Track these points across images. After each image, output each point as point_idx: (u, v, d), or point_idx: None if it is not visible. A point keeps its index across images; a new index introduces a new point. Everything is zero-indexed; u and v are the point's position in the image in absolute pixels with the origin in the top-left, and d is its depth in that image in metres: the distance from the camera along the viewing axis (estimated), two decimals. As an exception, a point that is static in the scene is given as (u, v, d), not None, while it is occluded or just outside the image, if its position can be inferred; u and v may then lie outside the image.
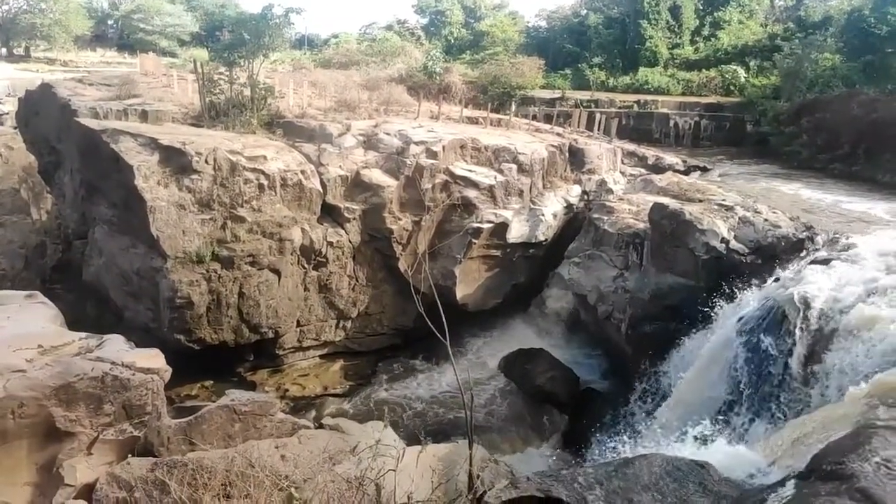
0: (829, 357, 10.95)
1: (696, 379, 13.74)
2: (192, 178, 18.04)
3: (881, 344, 10.32)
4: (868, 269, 12.76)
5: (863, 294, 11.70)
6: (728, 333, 13.58)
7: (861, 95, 29.62)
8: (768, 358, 11.83)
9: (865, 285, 11.96)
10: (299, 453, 9.06)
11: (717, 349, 13.65)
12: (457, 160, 21.87)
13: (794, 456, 8.05)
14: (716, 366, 13.29)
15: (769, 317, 12.26)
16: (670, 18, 43.95)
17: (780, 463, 8.17)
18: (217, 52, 24.85)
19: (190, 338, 18.16)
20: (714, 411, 12.48)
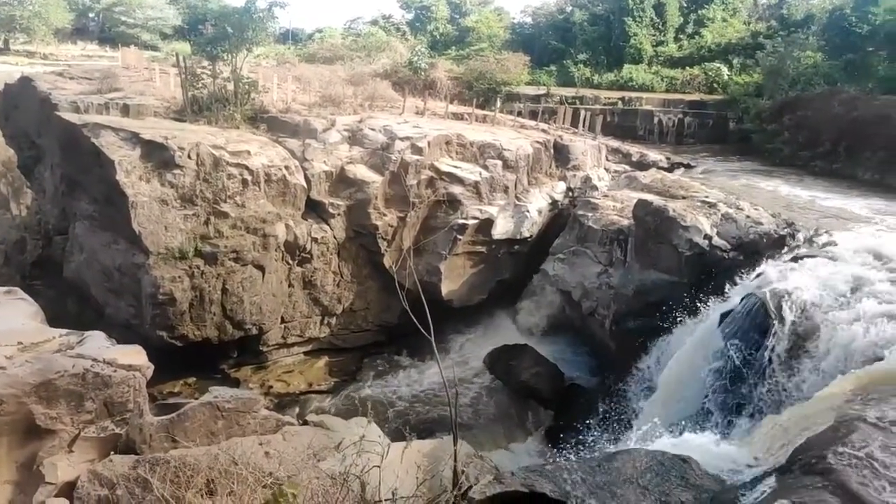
0: (810, 352, 11.09)
1: (679, 374, 13.85)
2: (175, 174, 17.88)
3: (860, 340, 10.45)
4: (848, 265, 12.92)
5: (842, 290, 11.85)
6: (710, 329, 13.70)
7: (842, 94, 29.93)
8: (749, 353, 11.95)
9: (845, 281, 12.11)
10: (283, 450, 9.02)
11: (700, 345, 13.76)
12: (442, 156, 21.86)
13: (775, 450, 8.15)
14: (698, 361, 13.40)
15: (750, 313, 12.38)
16: (654, 16, 44.16)
17: (762, 457, 8.26)
18: (200, 46, 24.64)
19: (172, 334, 18.03)
20: (697, 406, 12.60)
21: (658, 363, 15.68)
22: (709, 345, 13.48)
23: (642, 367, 16.32)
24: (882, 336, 10.28)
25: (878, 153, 25.49)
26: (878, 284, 11.80)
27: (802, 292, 12.13)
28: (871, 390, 8.31)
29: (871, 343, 10.31)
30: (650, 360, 16.15)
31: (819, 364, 10.74)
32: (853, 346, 10.48)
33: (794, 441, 7.62)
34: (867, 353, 10.13)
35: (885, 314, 10.74)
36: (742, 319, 12.60)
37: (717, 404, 12.18)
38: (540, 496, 7.37)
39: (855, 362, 9.91)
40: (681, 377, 13.73)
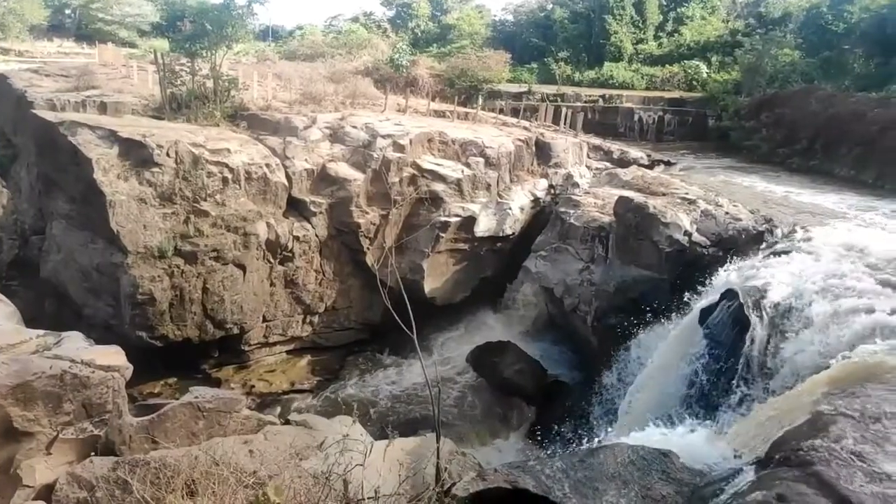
0: (787, 347, 11.22)
1: (660, 369, 13.97)
2: (153, 172, 17.68)
3: (837, 334, 10.61)
4: (824, 260, 13.10)
5: (819, 285, 12.01)
6: (691, 324, 13.83)
7: (819, 91, 30.38)
8: (729, 348, 12.09)
9: (821, 276, 12.28)
10: (265, 450, 8.96)
11: (680, 340, 13.90)
12: (424, 154, 21.84)
13: (754, 443, 8.25)
14: (678, 356, 13.53)
15: (729, 308, 12.51)
16: (634, 14, 44.51)
17: (741, 450, 8.35)
18: (178, 43, 24.36)
19: (152, 334, 17.85)
20: (677, 400, 12.72)
21: (639, 358, 15.80)
22: (689, 340, 13.62)
23: (623, 363, 16.43)
24: (858, 330, 10.44)
25: (854, 150, 25.90)
26: (854, 279, 11.98)
27: (780, 287, 12.29)
28: (847, 384, 8.43)
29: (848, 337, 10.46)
30: (631, 355, 16.27)
31: (796, 358, 10.88)
32: (830, 341, 10.63)
33: (772, 434, 7.72)
34: (843, 347, 10.27)
35: (860, 308, 10.91)
36: (721, 315, 12.74)
37: (698, 398, 12.30)
38: (523, 492, 7.41)
39: (831, 356, 10.05)
40: (661, 372, 13.85)
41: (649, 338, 15.86)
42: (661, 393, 13.27)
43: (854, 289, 11.65)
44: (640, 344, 16.15)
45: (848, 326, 10.63)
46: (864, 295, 11.35)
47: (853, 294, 11.47)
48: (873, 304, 10.92)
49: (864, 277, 11.99)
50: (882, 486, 6.14)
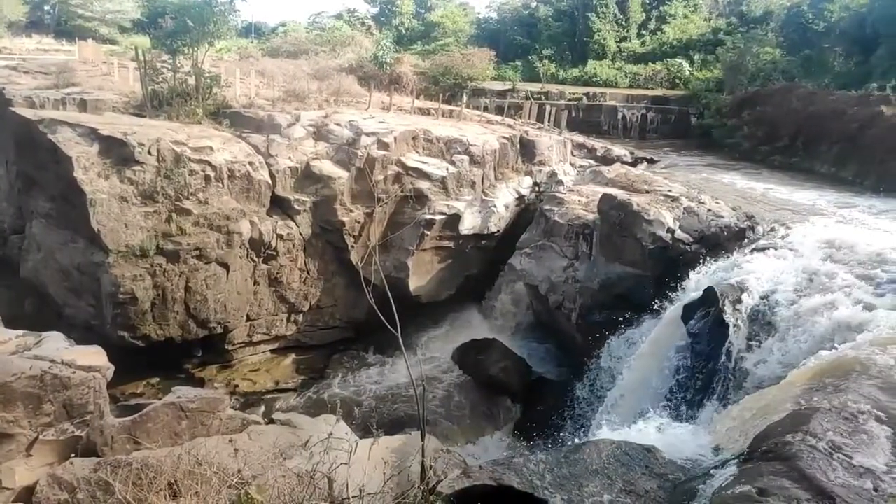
0: (768, 342, 11.35)
1: (643, 365, 14.07)
2: (135, 170, 17.53)
3: (817, 329, 10.74)
4: (805, 256, 13.24)
5: (800, 280, 12.15)
6: (674, 320, 13.93)
7: (800, 89, 30.66)
8: (711, 343, 12.20)
9: (803, 272, 12.42)
10: (249, 449, 8.91)
11: (664, 336, 13.99)
12: (409, 151, 21.80)
13: (736, 437, 8.32)
14: (662, 352, 13.63)
15: (711, 304, 12.62)
16: (618, 12, 44.67)
17: (724, 445, 8.43)
18: (159, 40, 24.12)
19: (134, 334, 17.70)
20: (660, 396, 12.81)
21: (623, 355, 15.89)
22: (672, 336, 13.72)
23: (608, 359, 16.52)
24: (838, 325, 10.57)
25: (834, 147, 26.19)
26: (834, 275, 12.13)
27: (761, 283, 12.41)
28: (828, 378, 8.53)
29: (828, 332, 10.59)
30: (616, 351, 16.35)
31: (778, 353, 11.00)
32: (810, 336, 10.76)
33: (754, 429, 7.79)
34: (824, 342, 10.39)
35: (840, 303, 11.04)
36: (704, 311, 12.84)
37: (681, 394, 12.39)
38: (508, 489, 7.43)
39: (812, 351, 10.16)
40: (645, 368, 13.95)
41: (633, 334, 15.96)
42: (645, 389, 13.36)
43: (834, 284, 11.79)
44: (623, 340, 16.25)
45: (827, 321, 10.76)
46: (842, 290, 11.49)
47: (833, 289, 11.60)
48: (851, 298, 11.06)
49: (845, 273, 12.14)
50: (859, 479, 6.23)
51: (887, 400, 7.53)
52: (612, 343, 16.46)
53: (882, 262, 12.61)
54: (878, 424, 7.04)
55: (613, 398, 14.47)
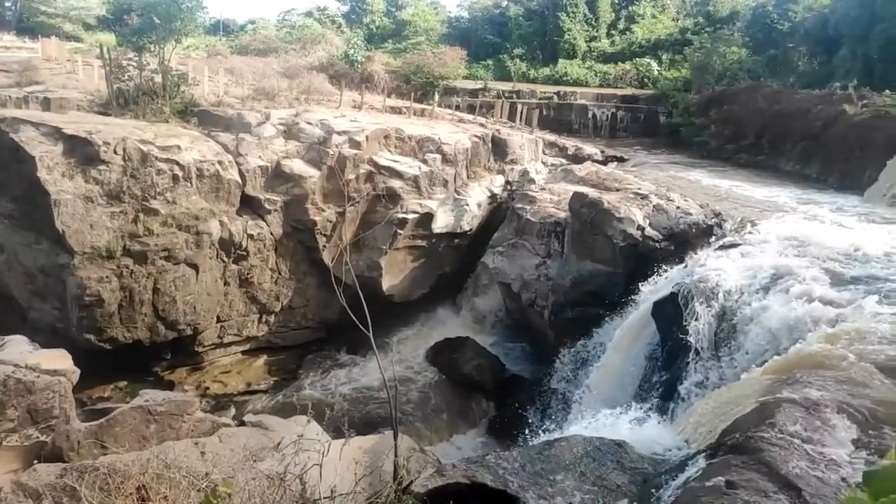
0: (736, 337, 11.54)
1: (614, 361, 14.21)
2: (100, 169, 17.18)
3: (783, 324, 10.94)
4: (770, 252, 13.49)
5: (766, 276, 12.37)
6: (644, 317, 14.10)
7: (765, 88, 31.25)
8: (679, 339, 12.36)
9: (768, 268, 12.64)
10: (219, 452, 8.80)
11: (634, 332, 14.15)
12: (380, 150, 21.72)
13: (705, 431, 8.45)
14: (632, 348, 13.78)
15: (679, 300, 12.78)
16: (587, 12, 45.09)
17: (693, 439, 8.55)
18: (125, 37, 23.74)
19: (101, 337, 17.37)
20: (632, 391, 12.95)
21: (595, 351, 16.04)
22: (642, 332, 13.88)
23: (580, 356, 16.66)
24: (803, 319, 10.78)
25: (799, 145, 26.73)
26: (799, 270, 12.36)
27: (728, 279, 12.61)
28: (794, 372, 8.70)
29: (793, 326, 10.79)
30: (587, 348, 16.50)
31: (745, 347, 11.18)
32: (776, 330, 10.95)
33: (722, 423, 7.91)
34: (790, 336, 10.59)
35: (805, 298, 11.27)
36: (672, 307, 13.00)
37: (651, 389, 12.55)
38: (481, 487, 7.44)
39: (778, 345, 10.35)
40: (616, 364, 14.09)
41: (604, 330, 16.12)
42: (616, 383, 13.50)
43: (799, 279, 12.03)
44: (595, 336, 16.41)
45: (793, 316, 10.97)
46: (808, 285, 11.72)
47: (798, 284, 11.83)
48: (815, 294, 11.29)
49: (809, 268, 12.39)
50: (824, 469, 6.36)
51: (849, 392, 7.71)
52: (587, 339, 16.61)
53: (845, 258, 12.91)
54: (840, 416, 7.19)
55: (585, 394, 14.59)
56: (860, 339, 9.17)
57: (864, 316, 10.04)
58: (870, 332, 9.35)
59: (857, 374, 8.17)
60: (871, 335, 9.27)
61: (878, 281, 11.63)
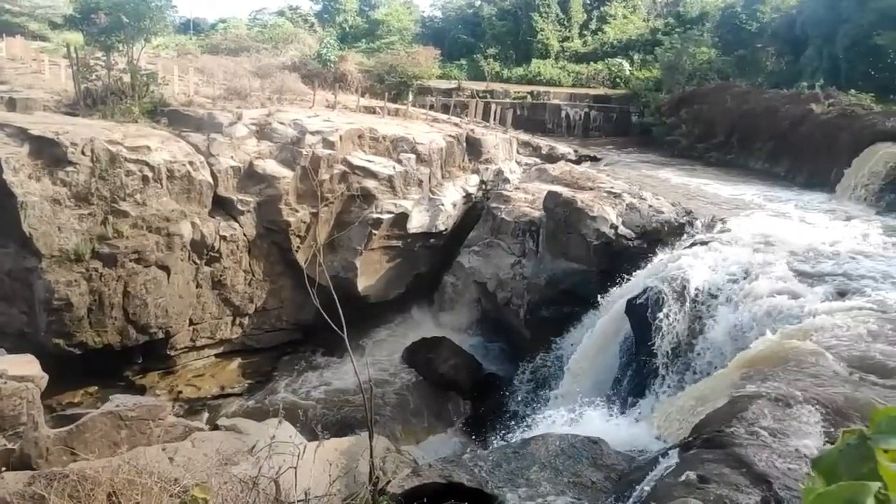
0: (706, 333, 11.71)
1: (589, 358, 14.33)
2: (68, 171, 16.85)
3: (752, 320, 11.12)
4: (741, 249, 13.70)
5: (736, 272, 12.57)
6: (617, 314, 14.23)
7: (734, 88, 31.72)
8: (653, 336, 12.50)
9: (738, 264, 12.84)
10: (192, 456, 8.69)
11: (608, 330, 14.28)
12: (355, 150, 21.61)
13: (677, 427, 8.56)
14: (606, 345, 13.90)
15: (652, 297, 12.93)
16: (560, 12, 45.33)
17: (666, 434, 8.65)
18: (93, 36, 23.31)
19: (70, 342, 17.05)
20: (606, 388, 13.07)
21: (570, 349, 16.14)
22: (616, 329, 14.01)
23: (555, 354, 16.77)
24: (772, 316, 10.97)
25: (768, 144, 27.18)
26: (768, 266, 12.58)
27: (699, 276, 12.79)
28: (764, 366, 8.85)
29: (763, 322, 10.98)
30: (563, 346, 16.61)
31: (715, 344, 11.35)
32: (747, 326, 11.14)
33: (694, 418, 8.01)
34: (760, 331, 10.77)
35: (774, 294, 11.47)
36: (645, 304, 13.14)
37: (625, 386, 12.67)
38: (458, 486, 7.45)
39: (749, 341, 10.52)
40: (590, 361, 14.20)
41: (579, 328, 16.24)
42: (590, 381, 13.61)
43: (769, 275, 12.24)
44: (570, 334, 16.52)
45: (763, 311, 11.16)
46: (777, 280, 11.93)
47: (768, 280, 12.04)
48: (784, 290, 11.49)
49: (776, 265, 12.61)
50: (794, 462, 6.47)
51: (817, 386, 7.86)
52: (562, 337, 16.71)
53: (813, 254, 13.18)
54: (809, 409, 7.33)
55: (561, 392, 14.68)
56: (828, 334, 9.36)
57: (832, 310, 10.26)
58: (837, 327, 9.55)
59: (824, 368, 8.33)
60: (838, 329, 9.47)
61: (845, 276, 11.89)
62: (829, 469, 1.02)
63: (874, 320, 9.64)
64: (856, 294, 10.86)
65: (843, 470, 1.04)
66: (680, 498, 5.97)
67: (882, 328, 9.34)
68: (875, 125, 22.35)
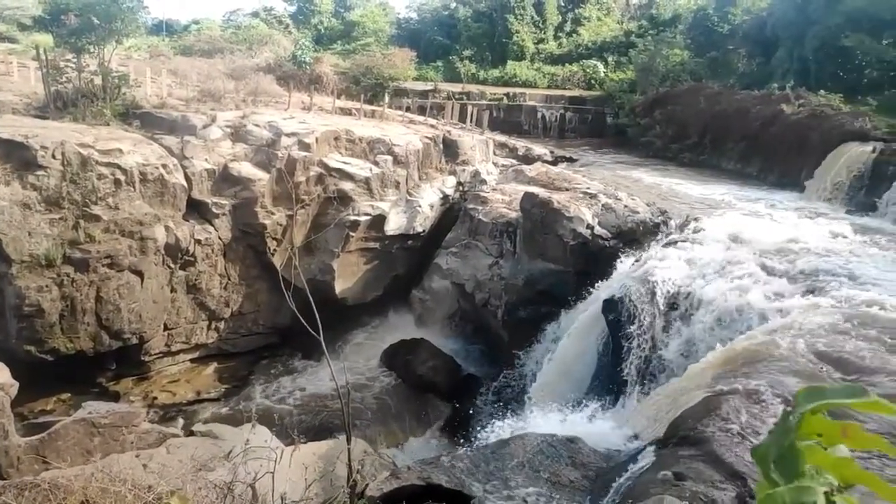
0: (682, 332, 11.84)
1: (566, 358, 14.41)
2: (38, 175, 16.53)
3: (726, 318, 11.27)
4: (714, 247, 13.89)
5: (710, 271, 12.73)
6: (594, 314, 14.33)
7: (706, 89, 32.14)
8: (628, 335, 12.61)
9: (712, 263, 13.01)
10: (167, 463, 8.57)
11: (585, 329, 14.37)
12: (331, 152, 21.50)
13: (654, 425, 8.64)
14: (583, 345, 13.99)
15: (627, 297, 13.05)
16: (535, 14, 45.58)
17: (643, 432, 8.73)
18: (63, 38, 22.90)
19: (42, 348, 16.72)
20: (584, 388, 13.15)
21: (547, 349, 16.22)
22: (593, 329, 14.11)
23: (533, 354, 16.84)
24: (746, 313, 11.13)
25: (739, 144, 27.59)
26: (741, 265, 12.77)
27: (674, 275, 12.93)
28: (738, 365, 8.97)
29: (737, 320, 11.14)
30: (540, 346, 16.68)
31: (690, 342, 11.49)
32: (721, 324, 11.28)
33: (670, 416, 8.10)
34: (734, 329, 10.93)
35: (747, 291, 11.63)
36: (621, 303, 13.25)
37: (602, 385, 12.76)
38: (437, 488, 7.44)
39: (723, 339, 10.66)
40: (567, 361, 14.28)
41: (556, 328, 16.33)
42: (568, 380, 13.68)
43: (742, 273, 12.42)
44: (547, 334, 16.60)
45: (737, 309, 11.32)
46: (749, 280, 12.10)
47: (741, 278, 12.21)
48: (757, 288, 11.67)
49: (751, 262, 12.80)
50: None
51: (790, 382, 7.98)
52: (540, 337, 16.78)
53: (785, 252, 13.40)
54: (783, 406, 7.44)
55: (538, 392, 14.73)
56: (800, 330, 9.52)
57: (804, 307, 10.43)
58: (809, 323, 9.71)
59: (797, 364, 8.47)
60: (810, 326, 9.63)
61: (816, 273, 12.10)
62: (762, 455, 1.06)
63: (843, 317, 9.83)
64: (825, 291, 11.06)
65: (769, 451, 1.08)
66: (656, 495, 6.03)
67: (851, 324, 9.52)
68: (844, 125, 22.80)
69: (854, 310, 10.10)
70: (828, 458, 1.05)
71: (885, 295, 10.61)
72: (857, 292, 10.80)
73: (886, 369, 8.20)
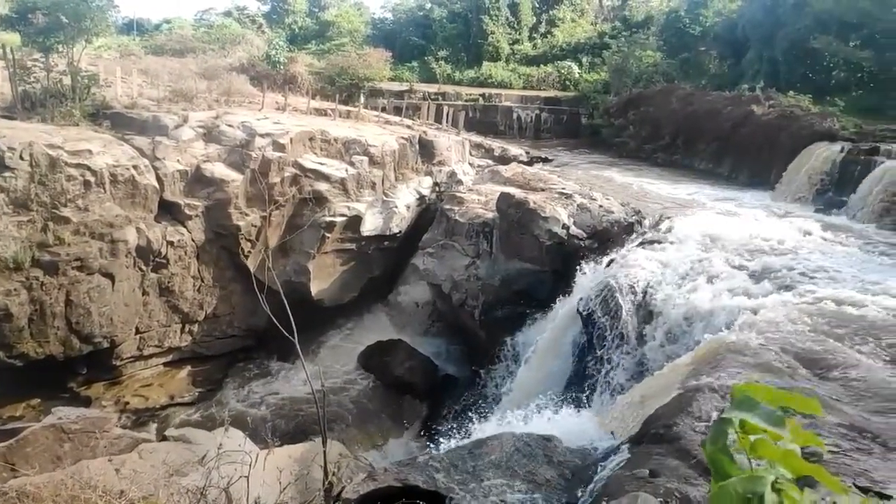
0: (656, 330, 11.97)
1: (542, 357, 14.48)
2: (5, 176, 16.18)
3: (700, 316, 11.42)
4: (687, 247, 14.06)
5: (683, 270, 12.88)
6: (570, 313, 14.42)
7: (679, 90, 32.55)
8: (604, 334, 12.72)
9: (685, 262, 13.17)
10: (139, 469, 8.44)
11: (561, 328, 14.46)
12: (306, 153, 21.36)
13: (628, 422, 8.71)
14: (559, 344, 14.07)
15: (602, 296, 13.16)
16: (510, 15, 45.80)
17: (618, 430, 8.80)
18: (30, 37, 22.44)
19: (10, 353, 16.38)
20: (559, 386, 13.22)
21: (524, 348, 16.29)
22: (569, 328, 14.19)
23: (509, 354, 16.88)
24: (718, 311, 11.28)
25: (711, 145, 27.98)
26: (713, 264, 12.95)
27: (648, 274, 13.06)
28: (711, 361, 9.09)
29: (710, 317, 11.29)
30: (517, 345, 16.74)
31: (665, 340, 11.61)
32: (694, 322, 11.43)
33: (644, 413, 8.17)
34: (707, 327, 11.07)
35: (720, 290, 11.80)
36: (596, 302, 13.36)
37: (578, 383, 12.84)
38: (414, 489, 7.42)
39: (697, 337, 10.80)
40: (544, 360, 14.36)
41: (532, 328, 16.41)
42: (544, 379, 13.75)
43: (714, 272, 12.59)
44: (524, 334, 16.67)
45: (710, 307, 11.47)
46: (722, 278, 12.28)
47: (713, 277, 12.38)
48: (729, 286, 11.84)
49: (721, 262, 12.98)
50: (740, 453, 6.65)
51: (761, 378, 8.11)
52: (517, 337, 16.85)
53: (754, 250, 13.61)
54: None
55: (515, 391, 14.79)
56: (772, 328, 9.67)
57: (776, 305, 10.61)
58: (780, 321, 9.88)
59: (767, 361, 8.61)
60: (782, 323, 9.80)
61: (784, 271, 12.31)
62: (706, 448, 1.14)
63: (810, 313, 10.01)
64: (794, 288, 11.26)
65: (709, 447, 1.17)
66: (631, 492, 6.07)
67: (819, 321, 9.70)
68: (813, 126, 23.23)
69: (821, 306, 10.30)
70: (777, 451, 1.11)
71: (852, 291, 10.84)
72: (824, 289, 11.01)
73: (850, 363, 8.37)
